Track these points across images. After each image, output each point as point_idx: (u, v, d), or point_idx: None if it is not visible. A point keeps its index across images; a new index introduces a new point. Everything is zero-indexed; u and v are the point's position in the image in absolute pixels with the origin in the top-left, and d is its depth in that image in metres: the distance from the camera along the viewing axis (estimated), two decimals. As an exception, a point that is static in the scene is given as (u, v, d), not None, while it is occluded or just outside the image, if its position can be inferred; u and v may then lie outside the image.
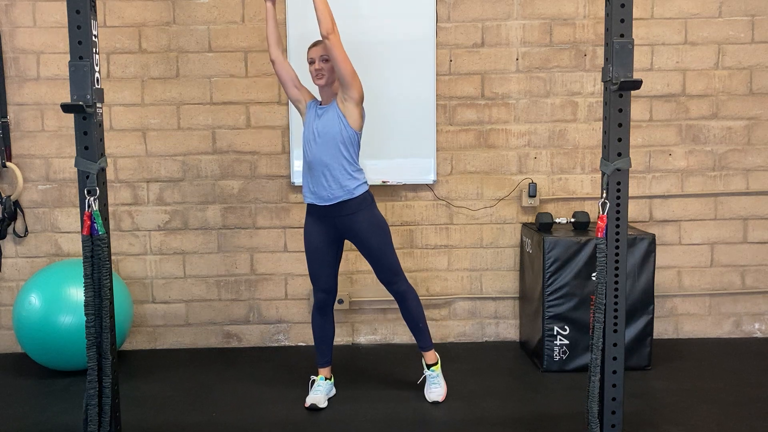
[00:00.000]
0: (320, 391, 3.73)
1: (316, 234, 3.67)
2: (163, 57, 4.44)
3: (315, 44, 3.63)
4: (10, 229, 4.49)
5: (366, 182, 3.65)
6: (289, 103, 4.42)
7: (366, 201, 3.63)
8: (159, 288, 4.61)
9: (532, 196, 4.51)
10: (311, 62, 3.60)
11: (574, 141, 4.55)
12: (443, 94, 4.50)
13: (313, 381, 3.81)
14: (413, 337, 3.87)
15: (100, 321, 2.95)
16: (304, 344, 4.65)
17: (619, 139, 2.87)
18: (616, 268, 2.94)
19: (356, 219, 3.60)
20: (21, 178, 4.42)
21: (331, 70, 3.57)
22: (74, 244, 4.53)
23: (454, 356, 4.44)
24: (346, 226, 3.62)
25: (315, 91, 3.73)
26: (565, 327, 4.08)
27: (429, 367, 3.81)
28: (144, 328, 4.63)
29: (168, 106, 4.48)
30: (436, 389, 3.75)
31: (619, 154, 2.88)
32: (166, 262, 4.59)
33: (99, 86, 2.90)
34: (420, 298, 4.60)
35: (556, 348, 4.10)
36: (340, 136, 3.53)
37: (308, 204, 3.67)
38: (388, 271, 3.69)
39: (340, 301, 4.55)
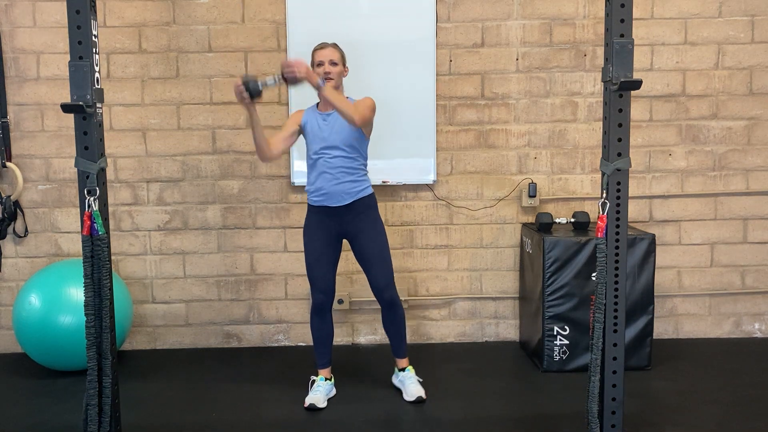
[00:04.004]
0: (320, 392, 3.73)
1: (319, 234, 3.67)
2: (163, 57, 4.44)
3: (323, 46, 3.62)
4: (10, 229, 4.49)
5: (371, 185, 3.71)
6: (289, 103, 4.43)
7: (372, 202, 3.69)
8: (159, 288, 4.61)
9: (532, 196, 4.51)
10: (320, 64, 3.58)
11: (574, 141, 4.55)
12: (443, 94, 4.50)
13: (313, 381, 3.81)
14: (392, 340, 3.85)
15: (100, 321, 2.95)
16: (304, 344, 4.65)
17: (619, 139, 2.87)
18: (616, 268, 2.94)
19: (363, 219, 3.64)
20: (21, 178, 4.42)
21: (339, 74, 3.60)
22: (74, 244, 4.53)
23: (454, 356, 4.44)
24: (352, 226, 3.65)
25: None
26: (565, 327, 4.08)
27: (404, 369, 3.84)
28: (144, 328, 4.63)
29: (168, 106, 4.48)
30: (415, 386, 3.75)
31: (619, 154, 2.88)
32: (166, 262, 4.59)
33: (99, 86, 2.90)
34: (420, 298, 4.62)
35: (556, 348, 4.10)
36: (349, 140, 3.59)
37: (313, 206, 3.69)
38: (386, 275, 3.69)
39: (340, 301, 4.55)
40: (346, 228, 3.66)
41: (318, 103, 3.71)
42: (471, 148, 4.55)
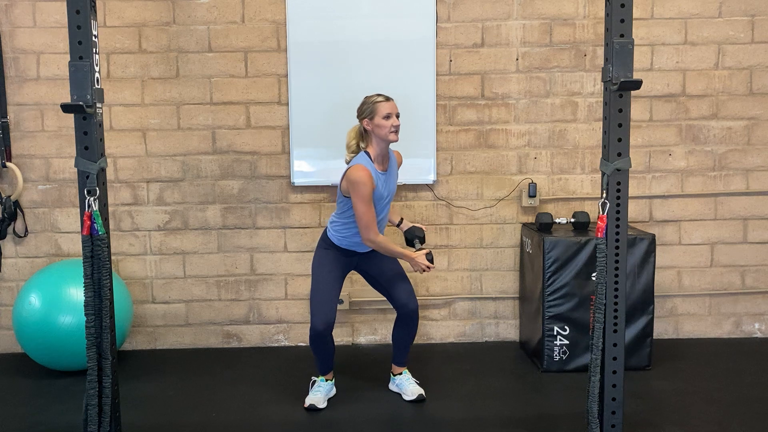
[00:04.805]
0: (320, 392, 3.73)
1: (334, 266, 3.66)
2: (163, 57, 4.44)
3: (388, 99, 3.56)
4: (10, 229, 4.49)
5: None
6: (289, 103, 4.43)
7: None
8: (159, 288, 4.61)
9: (532, 196, 4.52)
10: (387, 117, 3.50)
11: (574, 141, 4.55)
12: (443, 94, 4.50)
13: (314, 381, 3.81)
14: (400, 349, 3.85)
15: (100, 321, 2.95)
16: (303, 344, 4.65)
17: (619, 139, 2.87)
18: (616, 268, 2.94)
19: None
20: (21, 178, 4.42)
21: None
22: (74, 244, 4.53)
23: (454, 356, 4.44)
24: (369, 259, 3.71)
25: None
26: (565, 327, 4.08)
27: (400, 374, 3.86)
28: (144, 328, 4.63)
29: (168, 106, 4.48)
30: (414, 386, 3.78)
31: (619, 154, 2.88)
32: (166, 262, 4.59)
33: (99, 86, 2.90)
34: (420, 298, 4.62)
35: (556, 348, 4.10)
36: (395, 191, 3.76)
37: (336, 245, 3.66)
38: (411, 287, 3.75)
39: (340, 301, 4.54)
40: (361, 261, 3.73)
41: (367, 152, 3.57)
42: (471, 148, 4.55)
